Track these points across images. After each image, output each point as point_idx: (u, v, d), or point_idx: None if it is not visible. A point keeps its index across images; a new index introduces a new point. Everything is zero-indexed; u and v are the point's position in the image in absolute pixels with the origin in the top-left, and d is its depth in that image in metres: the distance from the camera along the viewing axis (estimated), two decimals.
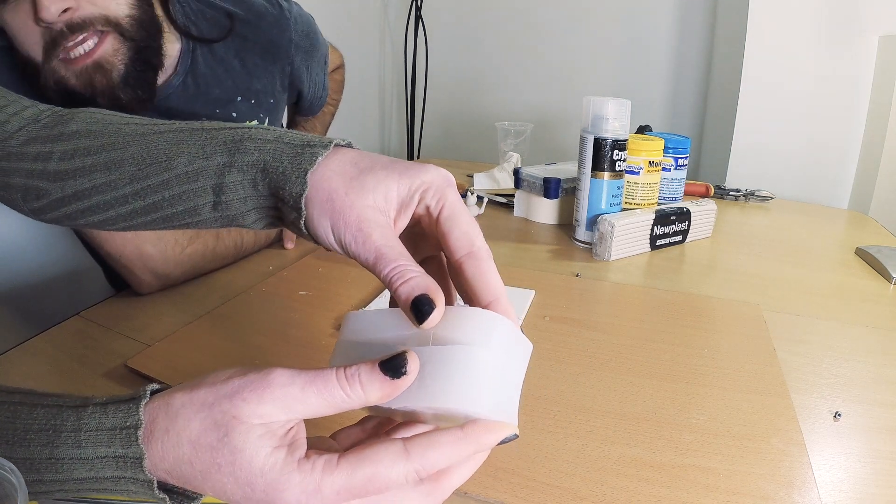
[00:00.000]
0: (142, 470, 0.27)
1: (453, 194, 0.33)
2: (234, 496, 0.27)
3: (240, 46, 0.77)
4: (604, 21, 1.70)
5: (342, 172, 0.32)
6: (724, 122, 1.40)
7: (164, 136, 0.37)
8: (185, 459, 0.27)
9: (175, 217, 0.38)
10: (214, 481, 0.27)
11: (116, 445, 0.27)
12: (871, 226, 1.00)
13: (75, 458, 0.27)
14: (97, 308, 0.63)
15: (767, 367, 0.52)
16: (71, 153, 0.40)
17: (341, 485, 0.26)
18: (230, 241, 0.72)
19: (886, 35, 1.18)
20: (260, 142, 0.35)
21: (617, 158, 0.78)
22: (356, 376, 0.27)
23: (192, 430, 0.27)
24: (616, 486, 0.38)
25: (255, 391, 0.27)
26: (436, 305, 0.29)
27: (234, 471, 0.26)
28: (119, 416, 0.28)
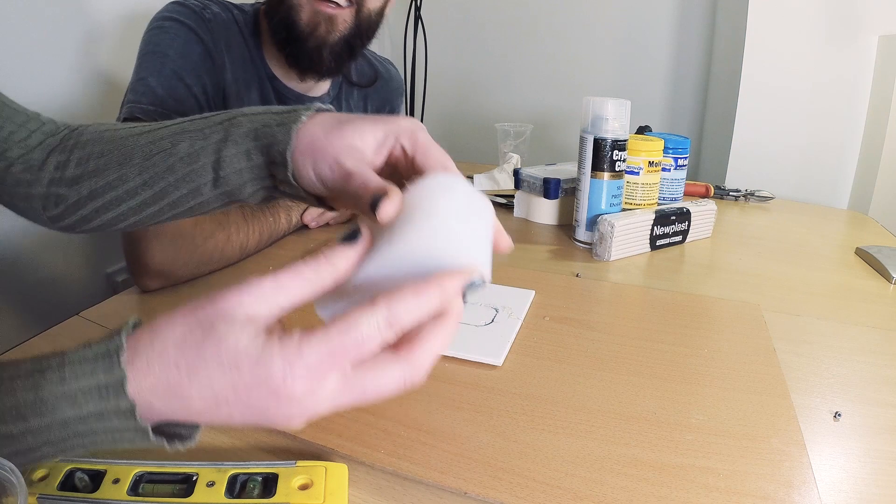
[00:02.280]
0: (124, 394, 0.27)
1: (424, 135, 0.38)
2: (223, 390, 0.27)
3: (370, 94, 1.00)
4: (604, 21, 1.70)
5: (324, 124, 0.37)
6: (724, 122, 1.40)
7: (170, 129, 0.41)
8: (171, 363, 0.28)
9: (180, 201, 0.41)
10: (201, 377, 0.27)
11: (99, 373, 0.28)
12: (871, 226, 1.00)
13: (59, 395, 0.27)
14: (97, 308, 0.63)
15: (767, 367, 0.52)
16: (86, 158, 0.44)
17: (319, 345, 0.28)
18: (237, 243, 0.73)
19: (886, 35, 1.18)
20: (251, 115, 0.39)
21: (617, 159, 0.78)
22: (320, 254, 0.30)
23: (177, 333, 0.28)
24: (616, 486, 0.38)
25: (233, 291, 0.29)
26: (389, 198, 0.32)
27: (220, 357, 0.27)
28: (101, 346, 0.29)
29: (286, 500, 0.34)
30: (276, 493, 0.35)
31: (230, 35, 0.81)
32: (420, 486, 0.38)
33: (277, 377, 0.27)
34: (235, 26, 0.82)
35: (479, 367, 0.51)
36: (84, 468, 0.36)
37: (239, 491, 0.35)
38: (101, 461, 0.36)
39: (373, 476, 0.39)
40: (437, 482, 0.38)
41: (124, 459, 0.36)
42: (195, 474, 0.35)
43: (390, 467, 0.39)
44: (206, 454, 0.40)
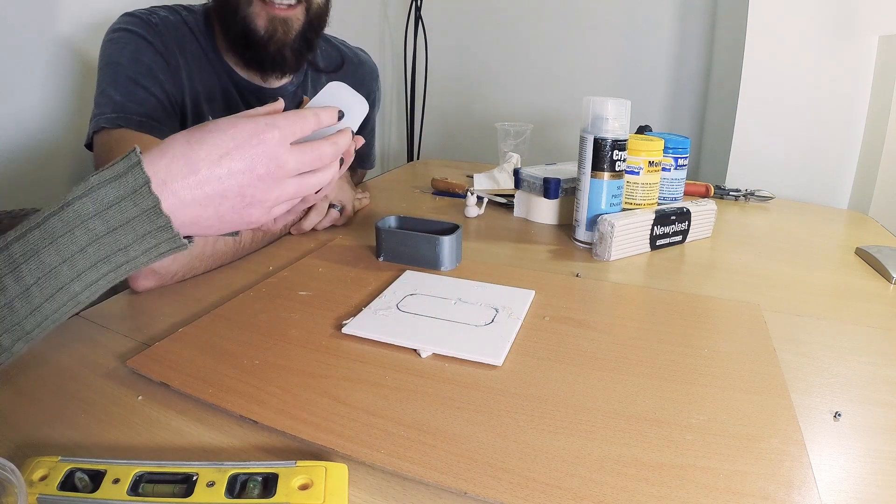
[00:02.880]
0: (141, 170, 0.35)
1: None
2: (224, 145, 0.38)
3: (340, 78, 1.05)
4: (604, 22, 1.70)
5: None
6: (724, 121, 1.40)
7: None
8: (182, 140, 0.37)
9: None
10: (207, 140, 0.37)
11: (119, 166, 0.35)
12: (871, 226, 1.00)
13: (80, 195, 0.34)
14: (97, 308, 0.63)
15: (767, 367, 0.52)
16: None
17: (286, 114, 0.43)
18: (230, 240, 0.72)
19: (886, 35, 1.18)
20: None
21: (617, 158, 0.78)
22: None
23: (184, 132, 0.37)
24: (616, 486, 0.38)
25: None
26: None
27: (223, 122, 0.38)
28: (121, 162, 0.35)
29: (286, 500, 0.34)
30: (276, 493, 0.35)
31: (181, 36, 0.83)
32: (420, 486, 0.38)
33: (261, 124, 0.40)
34: (185, 27, 0.84)
35: (479, 367, 0.51)
36: (84, 468, 0.36)
37: (239, 491, 0.35)
38: (100, 461, 0.36)
39: (373, 476, 0.39)
40: (437, 482, 0.38)
41: (124, 459, 0.36)
42: (195, 474, 0.35)
43: (390, 467, 0.39)
44: (206, 454, 0.40)
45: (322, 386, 0.47)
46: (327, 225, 0.87)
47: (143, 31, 0.79)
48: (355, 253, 0.77)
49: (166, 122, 0.78)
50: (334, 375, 0.49)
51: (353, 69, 1.05)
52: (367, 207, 1.00)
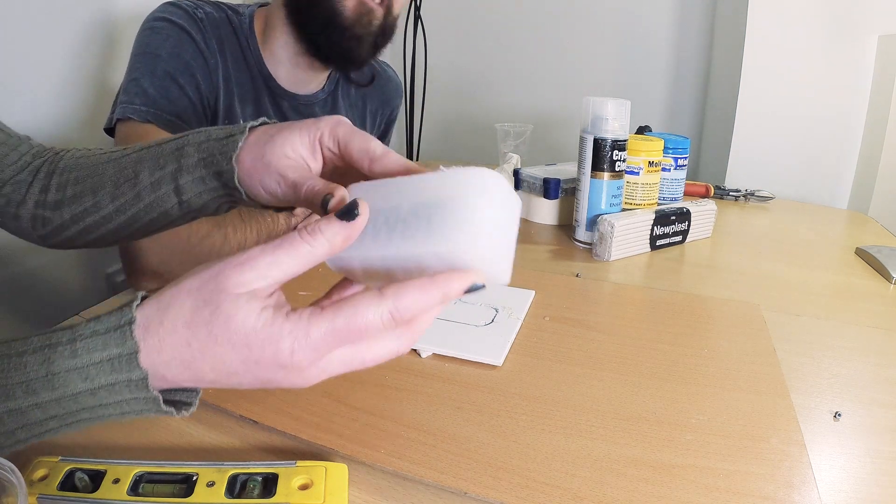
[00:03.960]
0: (137, 365, 0.29)
1: (344, 128, 0.38)
2: (233, 363, 0.29)
3: (369, 93, 1.01)
4: (603, 21, 1.70)
5: (257, 142, 0.39)
6: (724, 122, 1.40)
7: (131, 157, 0.44)
8: (183, 341, 0.29)
9: (154, 223, 0.45)
10: (213, 354, 0.29)
11: (111, 347, 0.29)
12: (871, 226, 1.00)
13: (71, 368, 0.29)
14: (97, 308, 0.63)
15: (767, 367, 0.52)
16: (64, 184, 0.47)
17: (326, 328, 0.29)
18: (235, 243, 0.72)
19: (886, 35, 1.18)
20: (195, 144, 0.42)
21: (617, 159, 0.78)
22: (316, 229, 0.31)
23: (185, 313, 0.29)
24: (616, 486, 0.38)
25: (234, 267, 0.30)
26: (333, 195, 0.34)
27: (230, 336, 0.29)
28: (112, 320, 0.30)
29: (286, 500, 0.34)
30: (276, 493, 0.35)
31: (223, 33, 0.81)
32: (420, 486, 0.38)
33: (285, 353, 0.29)
34: (229, 26, 0.83)
35: (479, 367, 0.51)
36: (84, 468, 0.36)
37: (239, 491, 0.35)
38: (101, 461, 0.36)
39: (373, 476, 0.39)
40: (437, 482, 0.38)
41: (124, 460, 0.36)
42: (195, 474, 0.35)
43: (390, 467, 0.39)
44: (206, 454, 0.40)
45: (322, 386, 0.47)
46: None
47: (187, 25, 0.77)
48: None
49: (195, 125, 0.77)
50: None
51: (382, 84, 1.05)
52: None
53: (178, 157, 0.42)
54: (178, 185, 0.42)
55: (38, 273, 1.05)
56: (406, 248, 0.31)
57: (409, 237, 0.31)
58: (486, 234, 0.30)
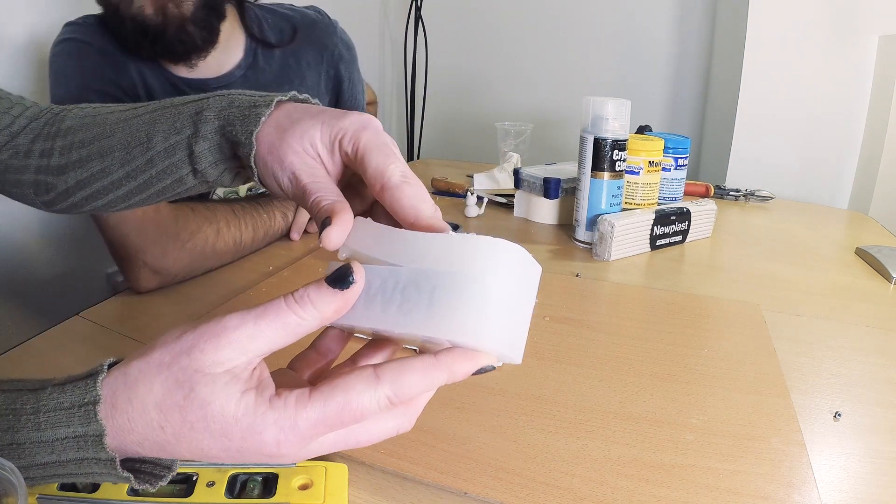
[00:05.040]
0: (103, 448, 0.26)
1: (367, 134, 0.33)
2: (212, 451, 0.27)
3: (298, 50, 0.90)
4: (604, 21, 1.70)
5: (278, 126, 0.35)
6: (724, 121, 1.40)
7: (143, 119, 0.40)
8: (155, 425, 0.26)
9: (166, 190, 0.41)
10: (189, 441, 0.26)
11: (76, 424, 0.27)
12: (871, 226, 1.00)
13: (36, 441, 0.27)
14: (97, 308, 0.63)
15: (767, 367, 0.52)
16: (68, 147, 0.43)
17: (316, 417, 0.26)
18: (229, 238, 0.72)
19: (886, 35, 1.18)
20: (216, 109, 0.38)
21: (617, 158, 0.78)
22: (305, 297, 0.27)
23: (156, 393, 0.26)
24: (616, 486, 0.38)
25: (210, 340, 0.26)
26: (332, 223, 0.30)
27: (208, 425, 0.26)
28: (77, 394, 0.27)
29: (286, 500, 0.34)
30: (276, 493, 0.35)
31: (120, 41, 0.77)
32: (420, 486, 0.38)
33: (270, 445, 0.26)
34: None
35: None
36: None
37: (239, 491, 0.35)
38: None
39: (373, 476, 0.39)
40: (437, 482, 0.38)
41: None
42: (195, 474, 0.35)
43: (390, 467, 0.39)
44: None
45: None
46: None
47: (87, 38, 0.74)
48: None
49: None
50: None
51: (307, 34, 0.91)
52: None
53: (196, 121, 0.38)
54: (193, 153, 0.38)
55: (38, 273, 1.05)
56: (403, 325, 0.27)
57: (406, 312, 0.27)
58: (496, 320, 0.26)
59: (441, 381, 0.27)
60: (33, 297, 1.03)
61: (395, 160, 0.32)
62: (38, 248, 1.05)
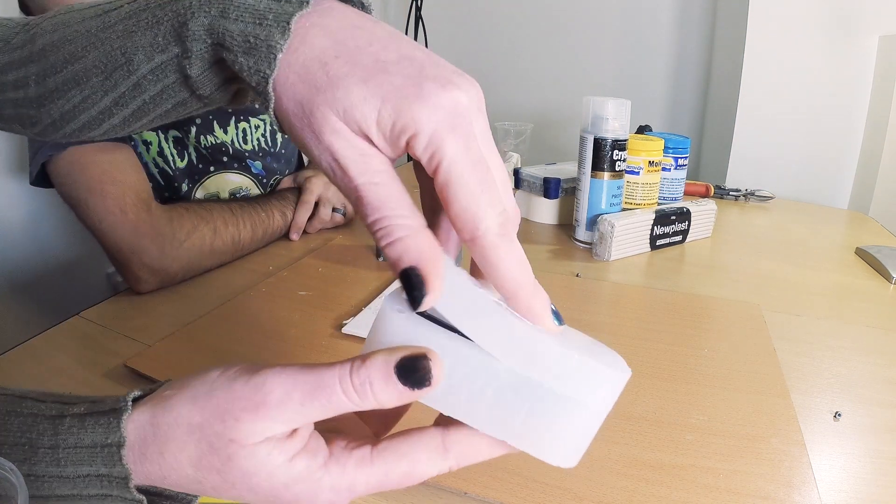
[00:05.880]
0: (128, 489, 0.25)
1: (456, 145, 0.23)
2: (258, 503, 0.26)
3: None
4: (604, 21, 1.70)
5: (307, 79, 0.24)
6: (724, 122, 1.40)
7: (115, 31, 0.31)
8: (193, 478, 0.25)
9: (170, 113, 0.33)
10: (233, 496, 0.25)
11: (98, 464, 0.25)
12: (871, 226, 1.00)
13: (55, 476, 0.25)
14: (97, 308, 0.63)
15: (767, 367, 0.52)
16: (43, 74, 0.35)
17: (376, 482, 0.25)
18: (227, 237, 0.72)
19: (886, 35, 1.18)
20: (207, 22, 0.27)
21: (617, 158, 0.78)
22: (367, 386, 0.23)
23: (190, 453, 0.24)
24: (616, 486, 0.38)
25: (247, 410, 0.24)
26: (427, 292, 0.23)
27: (252, 488, 0.24)
28: (99, 433, 0.25)
29: None
30: None
31: None
32: (420, 486, 0.38)
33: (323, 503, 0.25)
34: None
35: None
36: None
37: None
38: None
39: None
40: (437, 482, 0.38)
41: None
42: None
43: None
44: None
45: None
46: (330, 227, 0.87)
47: None
48: (355, 253, 0.77)
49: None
50: None
51: None
52: None
53: (181, 36, 0.28)
54: (188, 76, 0.29)
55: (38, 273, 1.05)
56: (489, 426, 0.25)
57: (496, 418, 0.24)
58: (581, 446, 0.25)
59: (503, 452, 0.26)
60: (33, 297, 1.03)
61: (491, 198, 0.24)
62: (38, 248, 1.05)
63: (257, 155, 0.87)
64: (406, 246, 0.23)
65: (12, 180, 1.01)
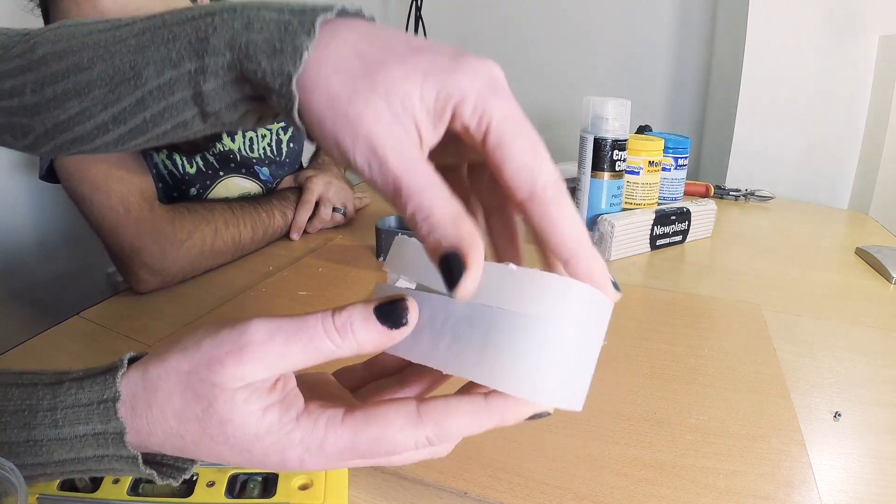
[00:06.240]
0: (124, 446, 0.26)
1: (502, 106, 0.24)
2: (234, 460, 0.26)
3: None
4: (604, 21, 1.70)
5: (343, 69, 0.24)
6: (724, 122, 1.40)
7: (128, 45, 0.30)
8: (174, 432, 0.26)
9: (167, 134, 0.33)
10: (210, 449, 0.26)
11: (95, 422, 0.26)
12: (871, 226, 1.00)
13: (53, 438, 0.26)
14: (97, 308, 0.63)
15: (767, 367, 0.52)
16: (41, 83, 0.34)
17: (345, 443, 0.25)
18: (228, 237, 0.72)
19: (886, 35, 1.18)
20: (228, 36, 0.27)
21: (617, 158, 0.78)
22: (347, 326, 0.24)
23: (175, 403, 0.25)
24: (616, 486, 0.38)
25: (231, 354, 0.24)
26: (467, 269, 0.22)
27: (228, 439, 0.25)
28: (96, 390, 0.26)
29: (286, 500, 0.34)
30: (277, 494, 0.35)
31: None
32: (420, 486, 0.38)
33: (293, 462, 0.25)
34: None
35: None
36: None
37: (239, 491, 0.35)
38: None
39: (373, 476, 0.39)
40: (437, 482, 0.38)
41: None
42: (195, 474, 0.35)
43: (390, 467, 0.39)
44: None
45: None
46: (330, 226, 0.87)
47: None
48: (355, 253, 0.77)
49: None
50: None
51: None
52: (367, 207, 1.00)
53: (199, 50, 0.27)
54: (200, 93, 0.28)
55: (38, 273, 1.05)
56: (451, 365, 0.24)
57: (456, 353, 0.24)
58: (554, 372, 0.23)
59: (489, 426, 0.25)
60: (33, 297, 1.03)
61: (545, 155, 0.24)
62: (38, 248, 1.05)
63: (263, 162, 0.88)
64: (446, 231, 0.23)
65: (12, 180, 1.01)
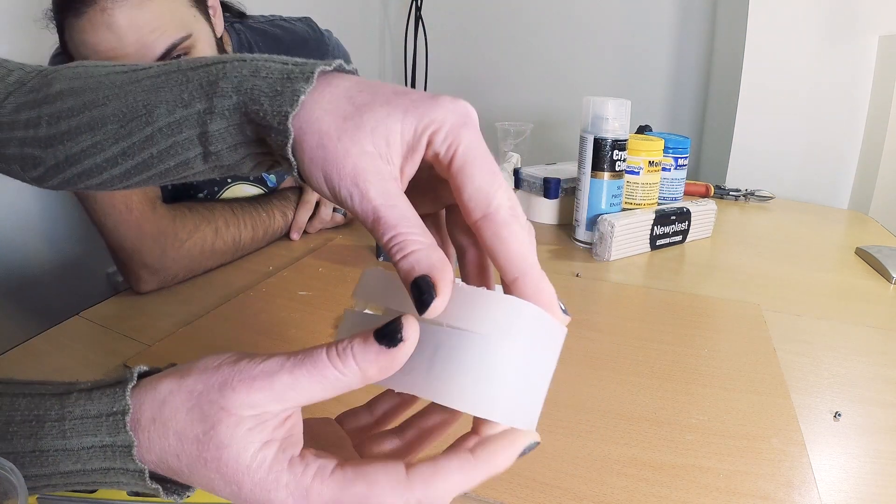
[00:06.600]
0: (132, 459, 0.26)
1: (469, 136, 0.27)
2: (222, 492, 0.26)
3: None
4: (604, 21, 1.70)
5: (334, 110, 0.27)
6: (724, 122, 1.40)
7: (142, 85, 0.33)
8: (171, 451, 0.26)
9: (169, 172, 0.35)
10: (201, 476, 0.25)
11: (103, 434, 0.26)
12: (871, 226, 1.00)
13: (60, 449, 0.26)
14: (97, 308, 0.63)
15: (767, 367, 0.52)
16: (56, 116, 0.37)
17: (330, 497, 0.24)
18: (228, 237, 0.72)
19: (886, 35, 1.18)
20: (237, 80, 0.30)
21: (617, 158, 0.78)
22: (349, 351, 0.24)
23: (179, 420, 0.25)
24: (616, 486, 0.38)
25: (243, 381, 0.25)
26: (437, 294, 0.24)
27: (220, 467, 0.25)
28: (104, 402, 0.26)
29: None
30: None
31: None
32: None
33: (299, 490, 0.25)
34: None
35: None
36: None
37: None
38: None
39: None
40: None
41: None
42: None
43: None
44: None
45: None
46: (330, 226, 0.87)
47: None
48: (355, 253, 0.77)
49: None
50: None
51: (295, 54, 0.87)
52: None
53: (209, 93, 0.30)
54: (205, 133, 0.31)
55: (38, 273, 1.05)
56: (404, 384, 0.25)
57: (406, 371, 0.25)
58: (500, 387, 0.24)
59: (482, 478, 0.25)
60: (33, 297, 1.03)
61: (502, 183, 0.27)
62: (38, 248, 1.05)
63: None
64: (419, 258, 0.25)
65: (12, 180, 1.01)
